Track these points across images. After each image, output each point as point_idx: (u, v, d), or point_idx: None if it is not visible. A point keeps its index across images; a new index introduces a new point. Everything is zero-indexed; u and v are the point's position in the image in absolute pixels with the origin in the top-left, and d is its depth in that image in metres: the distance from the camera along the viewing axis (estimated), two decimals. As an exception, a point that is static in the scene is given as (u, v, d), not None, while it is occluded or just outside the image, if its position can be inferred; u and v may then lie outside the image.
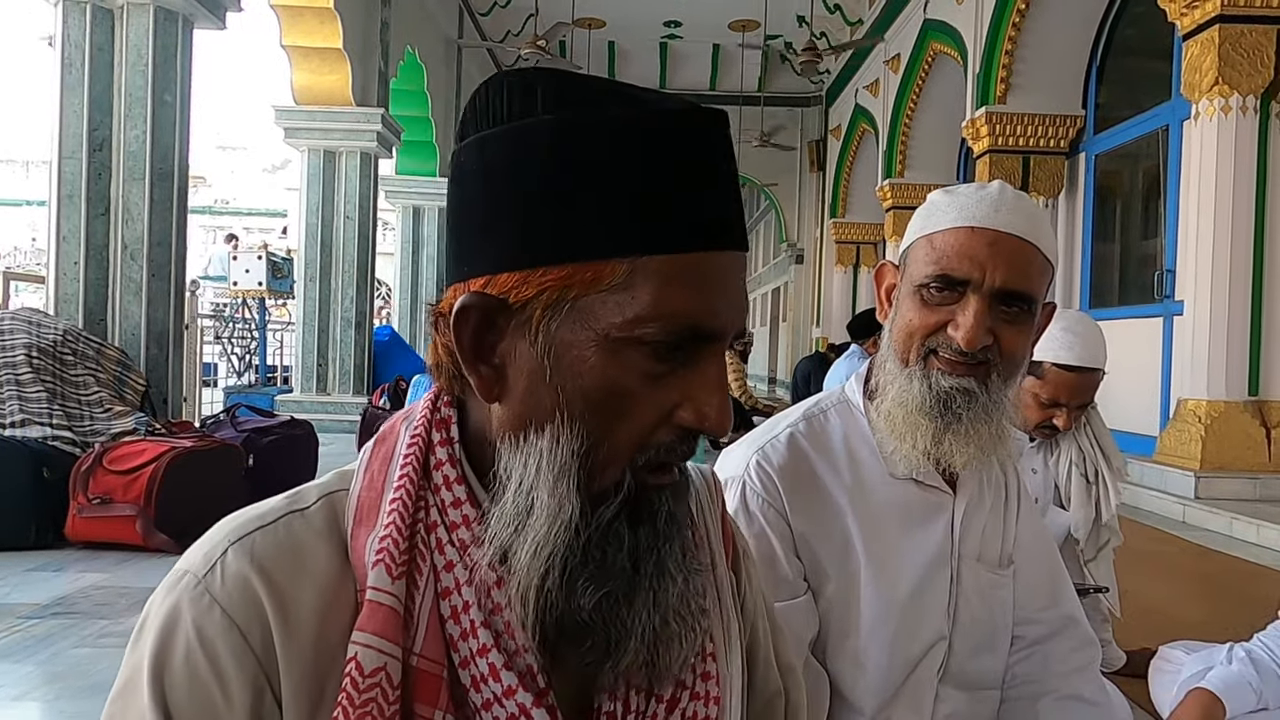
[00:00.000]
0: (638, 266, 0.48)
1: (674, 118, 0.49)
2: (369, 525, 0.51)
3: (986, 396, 0.93)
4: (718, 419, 0.50)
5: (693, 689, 0.56)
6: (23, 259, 18.81)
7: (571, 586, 0.49)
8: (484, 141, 0.51)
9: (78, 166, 4.17)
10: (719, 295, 0.50)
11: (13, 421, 3.33)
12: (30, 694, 1.92)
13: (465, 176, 0.52)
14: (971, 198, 0.95)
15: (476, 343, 0.51)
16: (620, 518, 0.50)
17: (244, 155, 27.11)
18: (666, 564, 0.51)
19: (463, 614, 0.50)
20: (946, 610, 1.02)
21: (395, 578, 0.49)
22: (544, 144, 0.48)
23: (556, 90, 0.50)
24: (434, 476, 0.53)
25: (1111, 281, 6.75)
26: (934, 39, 8.31)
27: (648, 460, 0.50)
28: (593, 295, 0.48)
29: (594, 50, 11.70)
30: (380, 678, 0.47)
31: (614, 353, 0.48)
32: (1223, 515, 3.99)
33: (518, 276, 0.49)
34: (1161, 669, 1.69)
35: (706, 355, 0.50)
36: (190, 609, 0.49)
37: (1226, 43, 4.35)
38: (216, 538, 0.53)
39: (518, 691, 0.49)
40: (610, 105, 0.49)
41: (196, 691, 0.48)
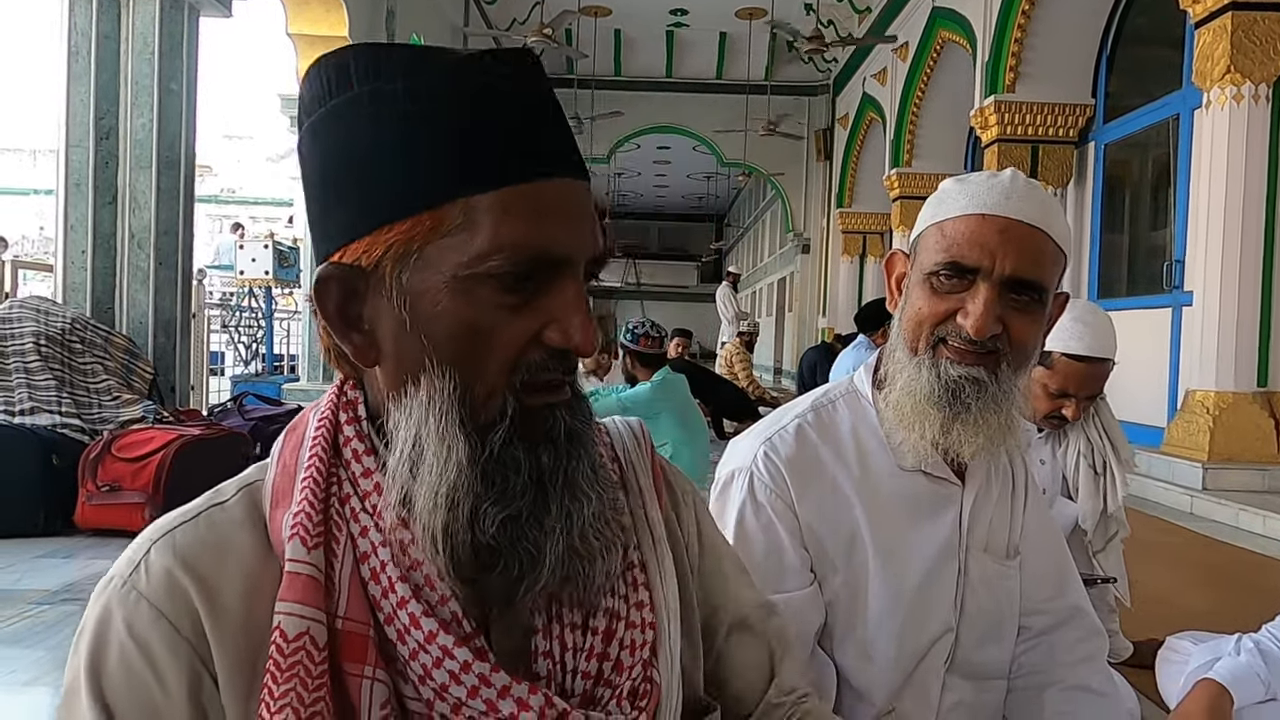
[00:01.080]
0: (470, 205, 0.50)
1: (477, 61, 0.51)
2: (284, 507, 0.54)
3: (996, 386, 0.92)
4: (583, 336, 0.52)
5: (627, 618, 0.57)
6: (30, 248, 18.88)
7: (474, 514, 0.51)
8: (313, 126, 0.53)
9: (85, 155, 4.18)
10: (559, 221, 0.51)
11: (22, 409, 3.35)
12: (41, 679, 1.93)
13: (306, 162, 0.54)
14: (983, 185, 0.94)
15: (342, 313, 0.53)
16: (513, 441, 0.52)
17: (250, 144, 27.10)
18: (576, 480, 0.53)
19: (380, 573, 0.52)
20: (954, 601, 1.02)
21: (311, 548, 0.51)
22: (362, 113, 0.51)
23: (368, 62, 0.52)
24: (344, 453, 0.55)
25: (1120, 272, 6.72)
26: (943, 27, 8.25)
27: (525, 382, 0.52)
28: (436, 243, 0.50)
29: (600, 38, 11.64)
30: (304, 641, 0.49)
31: (465, 292, 0.50)
32: (1230, 506, 3.98)
33: (365, 241, 0.51)
34: (1169, 659, 1.69)
35: (561, 279, 0.52)
36: (119, 609, 0.51)
37: (1239, 30, 4.30)
38: (139, 541, 0.55)
39: (439, 635, 0.51)
40: (415, 65, 0.51)
41: (134, 686, 0.50)
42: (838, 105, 12.79)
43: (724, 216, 26.07)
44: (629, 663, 0.57)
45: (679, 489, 0.71)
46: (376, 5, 7.54)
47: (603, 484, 0.55)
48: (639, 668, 0.57)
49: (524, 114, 0.52)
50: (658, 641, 0.59)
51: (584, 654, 0.56)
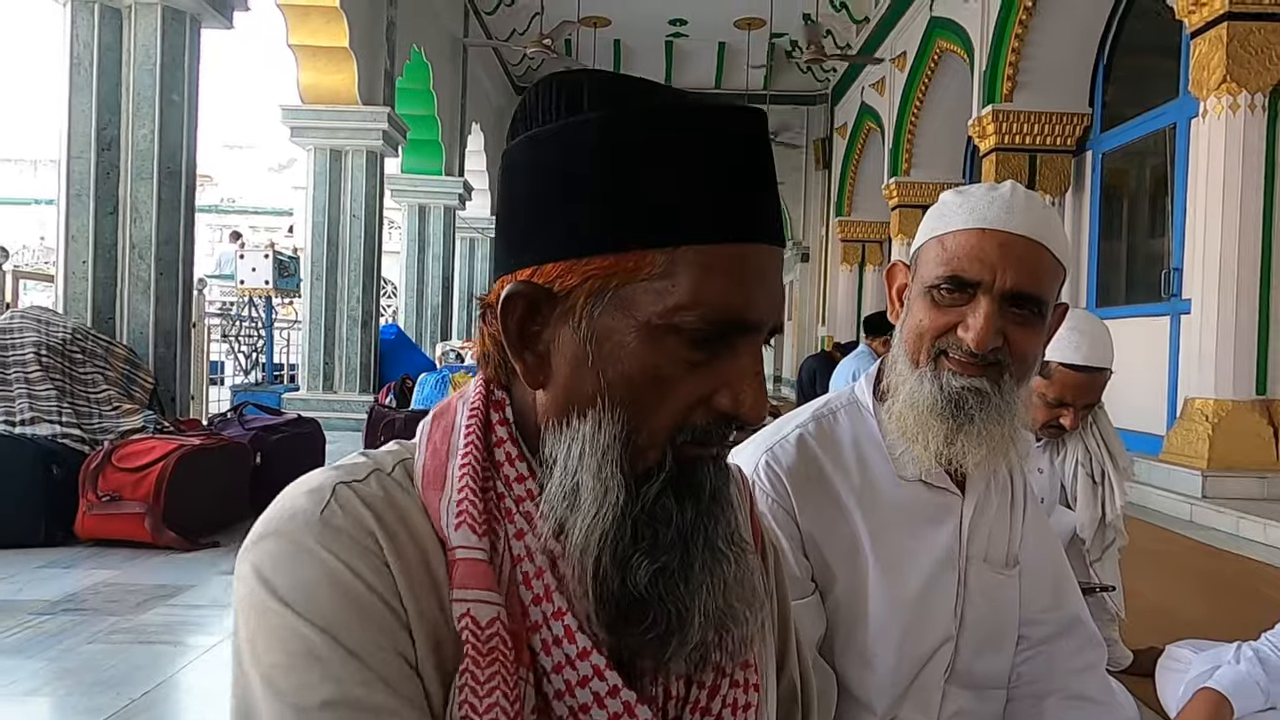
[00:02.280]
0: (677, 256, 0.49)
1: (715, 113, 0.51)
2: (437, 490, 0.53)
3: (999, 397, 0.93)
4: (753, 406, 0.51)
5: (732, 676, 0.56)
6: (30, 258, 18.90)
7: (625, 564, 0.50)
8: (533, 139, 0.53)
9: (86, 166, 4.19)
10: (756, 286, 0.51)
11: (22, 419, 3.36)
12: (42, 689, 1.93)
13: (515, 173, 0.54)
14: (983, 199, 0.95)
15: (522, 330, 0.53)
16: (666, 493, 0.51)
17: (250, 154, 27.17)
18: (715, 540, 0.52)
19: (534, 579, 0.51)
20: (953, 611, 1.02)
21: (480, 535, 0.51)
22: (589, 138, 0.50)
23: (602, 88, 0.52)
24: (496, 453, 0.55)
25: (1118, 280, 6.74)
26: (940, 37, 8.29)
27: (686, 441, 0.52)
28: (634, 284, 0.50)
29: (599, 49, 11.69)
30: (497, 627, 0.49)
31: (654, 340, 0.50)
32: (1230, 514, 3.98)
33: (563, 266, 0.51)
34: (1169, 668, 1.69)
35: (743, 345, 0.52)
36: (317, 540, 0.49)
37: (1235, 40, 4.33)
38: (319, 482, 0.52)
39: (592, 653, 0.50)
40: (653, 100, 0.51)
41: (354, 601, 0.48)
42: (836, 115, 12.84)
43: (723, 225, 26.03)
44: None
45: (767, 539, 0.70)
46: (376, 16, 7.57)
47: (740, 545, 0.54)
48: None
49: (748, 172, 0.51)
50: (761, 705, 0.58)
51: (689, 706, 0.55)
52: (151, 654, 2.14)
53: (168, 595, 2.60)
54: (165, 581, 2.74)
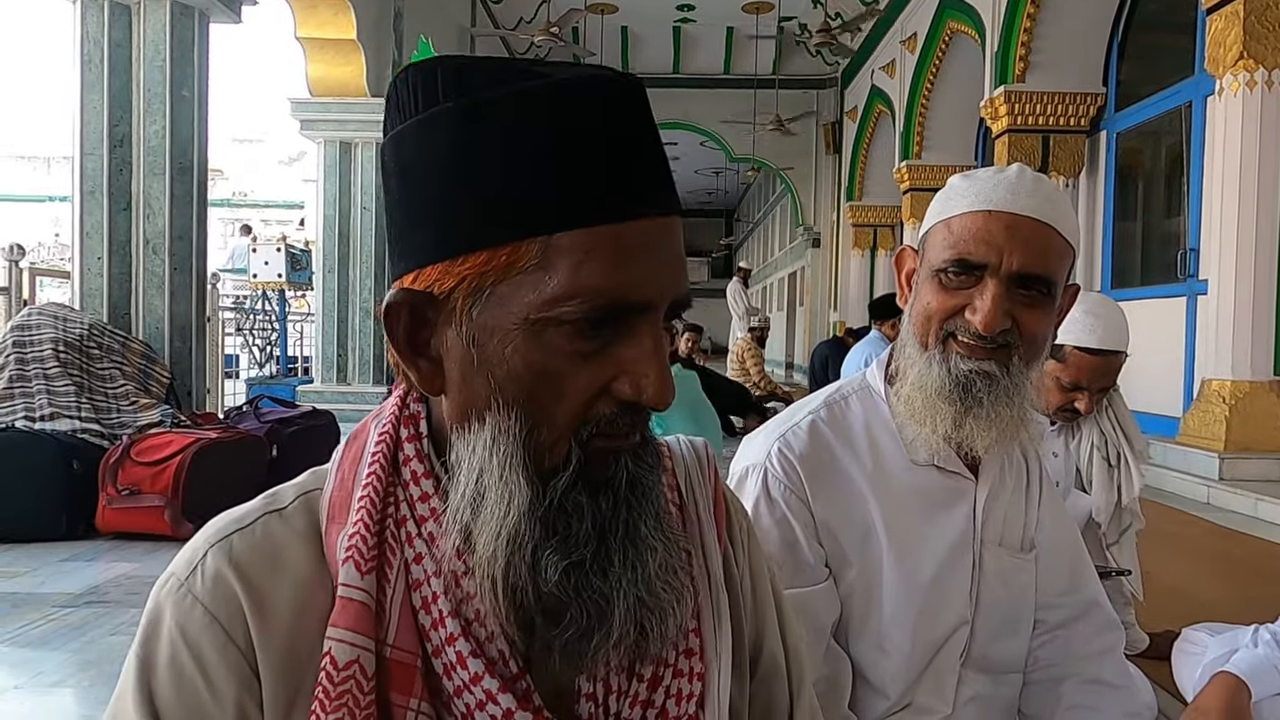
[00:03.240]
0: (551, 244, 0.47)
1: (570, 87, 0.48)
2: (340, 523, 0.52)
3: (1008, 379, 0.93)
4: (656, 390, 0.49)
5: (675, 665, 0.55)
6: (45, 254, 19.07)
7: (536, 563, 0.49)
8: (397, 138, 0.51)
9: (99, 163, 4.22)
10: (643, 264, 0.48)
11: (42, 415, 3.40)
12: (66, 681, 1.96)
13: (386, 175, 0.52)
14: (989, 181, 0.94)
15: (411, 339, 0.52)
16: (576, 487, 0.49)
17: (260, 147, 27.26)
18: (639, 530, 0.51)
19: (432, 604, 0.50)
20: (969, 595, 1.02)
21: (364, 573, 0.50)
22: (446, 132, 0.48)
23: (455, 76, 0.49)
24: (403, 472, 0.53)
25: (1134, 261, 6.67)
26: (951, 18, 8.20)
27: (591, 433, 0.50)
28: (510, 279, 0.48)
29: (607, 36, 11.63)
30: (354, 670, 0.48)
31: (536, 334, 0.48)
32: (1247, 496, 3.95)
33: (439, 268, 0.49)
34: (1185, 651, 1.69)
35: (639, 326, 0.49)
36: (173, 610, 0.51)
37: (1252, 16, 4.26)
38: (198, 542, 0.54)
39: (484, 678, 0.50)
40: (507, 84, 0.48)
41: (184, 689, 0.50)
42: (846, 98, 12.73)
43: (733, 212, 26.02)
44: (674, 712, 0.55)
45: (736, 519, 0.67)
46: (384, 7, 7.57)
47: (668, 533, 0.52)
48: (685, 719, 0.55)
49: (620, 146, 0.48)
50: (705, 692, 0.57)
51: (628, 699, 0.54)
52: (173, 644, 2.17)
53: (188, 587, 2.63)
54: (185, 573, 2.77)
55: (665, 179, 0.51)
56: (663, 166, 0.51)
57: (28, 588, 2.60)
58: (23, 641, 2.17)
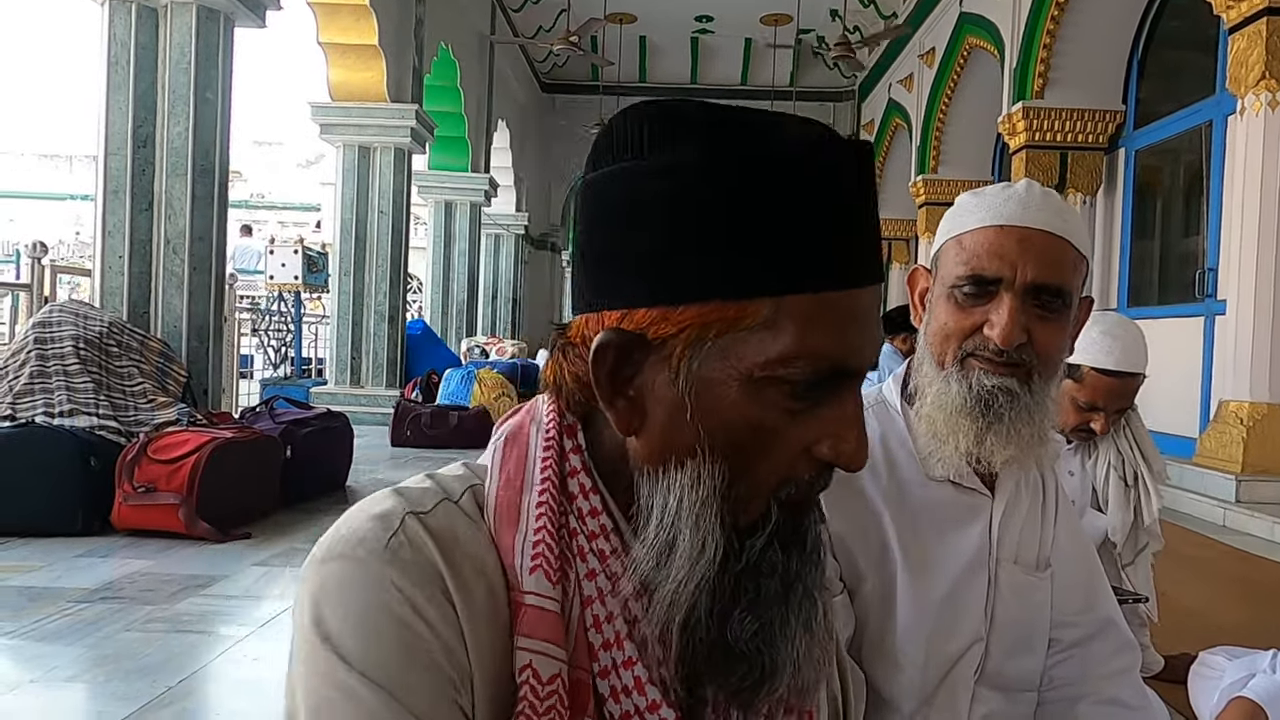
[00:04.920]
0: (781, 306, 0.47)
1: (821, 152, 0.48)
2: (511, 525, 0.51)
3: (1029, 397, 0.93)
4: (855, 453, 0.50)
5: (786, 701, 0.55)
6: (66, 252, 19.29)
7: (725, 618, 0.49)
8: (622, 174, 0.50)
9: (123, 163, 4.27)
10: (859, 332, 0.49)
11: (61, 411, 3.43)
12: (81, 676, 1.98)
13: (601, 206, 0.51)
14: (998, 197, 0.95)
15: (613, 377, 0.50)
16: (772, 546, 0.50)
17: (279, 150, 27.51)
18: (811, 589, 0.52)
19: (605, 624, 0.50)
20: (984, 612, 1.02)
21: (555, 583, 0.49)
22: (685, 179, 0.47)
23: (702, 123, 0.49)
24: (569, 484, 0.53)
25: (1151, 280, 6.63)
26: (970, 33, 8.20)
27: (788, 493, 0.50)
28: (735, 334, 0.48)
29: (625, 45, 11.69)
30: (557, 684, 0.48)
31: (756, 391, 0.48)
32: (1264, 519, 3.91)
33: (657, 312, 0.48)
34: (1202, 675, 1.67)
35: (845, 390, 0.50)
36: (387, 567, 0.47)
37: (1275, 36, 4.24)
38: (387, 509, 0.51)
39: (662, 707, 0.49)
40: (750, 137, 0.48)
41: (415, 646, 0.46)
42: (863, 111, 12.73)
43: (748, 222, 25.96)
44: None
45: None
46: (405, 14, 7.63)
47: (825, 588, 0.53)
48: None
49: (852, 214, 0.49)
50: None
51: None
52: (186, 643, 2.18)
53: (201, 585, 2.65)
54: (199, 572, 2.79)
55: (879, 247, 0.52)
56: (879, 234, 0.52)
57: (43, 582, 2.63)
58: (38, 636, 2.19)
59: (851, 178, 0.49)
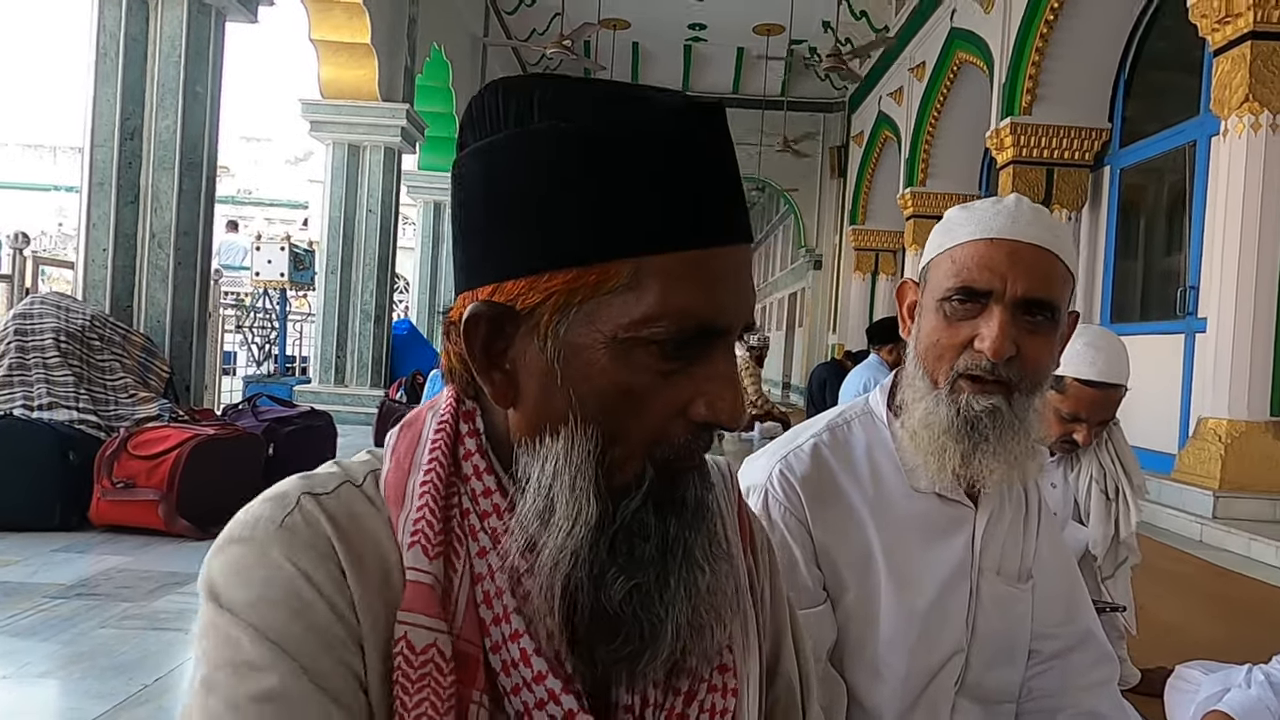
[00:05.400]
0: (642, 266, 0.48)
1: (670, 116, 0.49)
2: (398, 505, 0.52)
3: (1013, 414, 0.94)
4: (731, 412, 0.50)
5: (709, 680, 0.56)
6: (49, 243, 19.07)
7: (600, 580, 0.49)
8: (484, 150, 0.51)
9: (109, 154, 4.23)
10: (726, 290, 0.50)
11: (40, 404, 3.39)
12: (54, 672, 1.96)
13: (467, 185, 0.52)
14: (988, 211, 0.96)
15: (487, 350, 0.52)
16: (646, 507, 0.50)
17: (268, 146, 27.34)
18: (694, 552, 0.51)
19: (495, 599, 0.51)
20: (965, 623, 1.03)
21: (432, 558, 0.50)
22: (542, 151, 0.49)
23: (553, 96, 0.50)
24: (464, 466, 0.54)
25: (1134, 297, 6.70)
26: (960, 48, 8.27)
27: (664, 454, 0.51)
28: (599, 298, 0.48)
29: (618, 51, 11.72)
30: (432, 653, 0.48)
31: (623, 353, 0.49)
32: (1241, 536, 3.96)
33: (524, 283, 0.50)
34: (1178, 688, 1.69)
35: (716, 349, 0.50)
36: (279, 546, 0.49)
37: (1258, 60, 4.31)
38: (285, 490, 0.52)
39: (547, 677, 0.50)
40: (605, 107, 0.49)
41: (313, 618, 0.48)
42: (853, 123, 12.82)
43: (736, 230, 26.01)
44: None
45: (759, 539, 0.68)
46: (398, 13, 7.62)
47: (717, 555, 0.53)
48: None
49: (711, 174, 0.49)
50: (739, 708, 0.57)
51: (664, 712, 0.54)
52: (163, 640, 2.16)
53: (180, 583, 2.62)
54: (177, 569, 2.76)
55: (744, 206, 0.52)
56: (742, 194, 0.52)
57: (19, 577, 2.59)
58: (11, 631, 2.16)
59: (704, 138, 0.49)
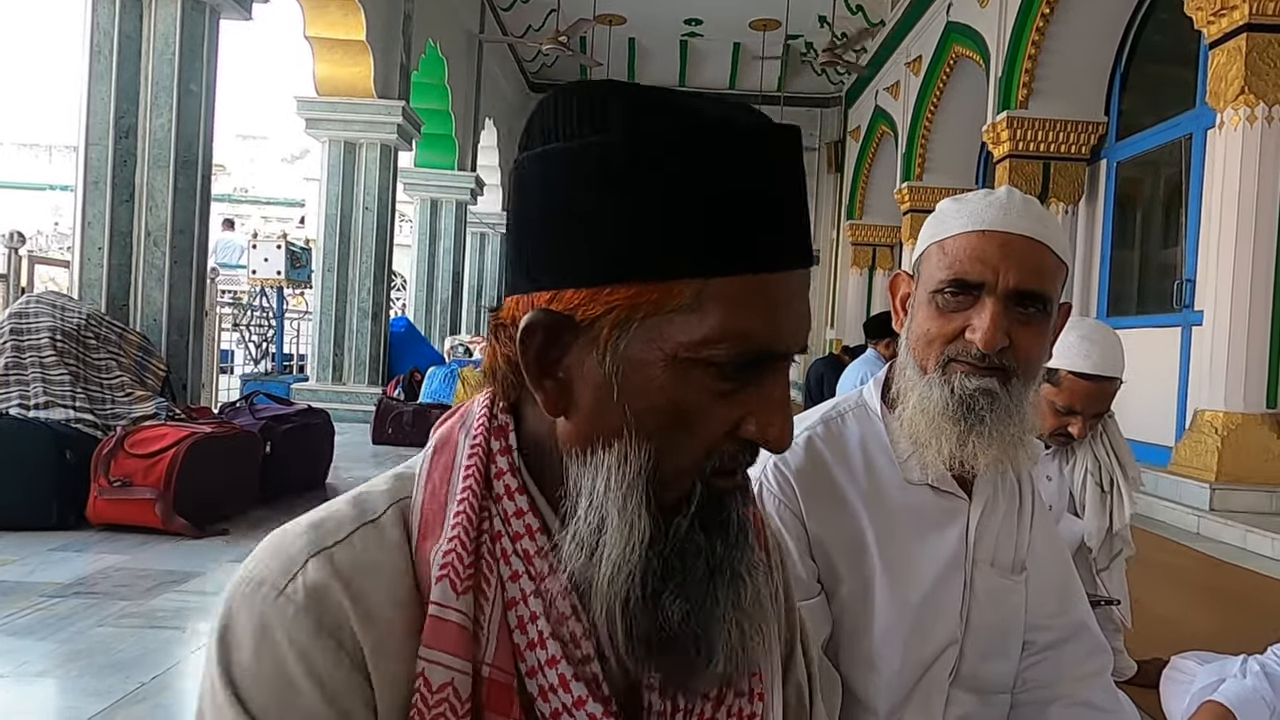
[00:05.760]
0: (706, 288, 0.48)
1: (749, 136, 0.48)
2: (433, 537, 0.52)
3: (1009, 399, 0.94)
4: (780, 434, 0.51)
5: (737, 685, 0.56)
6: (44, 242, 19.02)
7: (656, 601, 0.49)
8: (552, 155, 0.50)
9: (104, 153, 4.22)
10: (785, 315, 0.50)
11: (36, 404, 3.39)
12: (52, 671, 1.95)
13: (530, 188, 0.51)
14: (980, 203, 0.96)
15: (541, 358, 0.51)
16: (695, 526, 0.51)
17: (263, 144, 27.27)
18: (740, 570, 0.52)
19: (530, 624, 0.50)
20: (959, 614, 1.03)
21: (460, 593, 0.49)
22: (615, 162, 0.48)
23: (628, 106, 0.49)
24: (495, 486, 0.53)
25: (1130, 290, 6.71)
26: (956, 42, 8.27)
27: (714, 469, 0.51)
28: (660, 315, 0.48)
29: (614, 47, 11.69)
30: (448, 692, 0.48)
31: (682, 372, 0.49)
32: (1238, 527, 3.97)
33: (585, 294, 0.49)
34: (1174, 679, 1.69)
35: (771, 373, 0.51)
36: (276, 620, 0.49)
37: (1254, 52, 4.31)
38: (291, 549, 0.52)
39: (588, 702, 0.50)
40: (679, 121, 0.48)
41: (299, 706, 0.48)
42: (850, 118, 12.81)
43: (734, 226, 26.04)
44: None
45: (772, 541, 0.69)
46: (394, 10, 7.60)
47: (754, 568, 0.53)
48: None
49: (779, 199, 0.49)
50: (766, 713, 0.58)
51: (695, 718, 0.55)
52: (160, 639, 2.16)
53: (177, 581, 2.62)
54: (174, 567, 2.76)
55: (808, 231, 0.52)
56: (807, 218, 0.52)
57: (16, 576, 2.59)
58: (9, 631, 2.16)
59: (780, 164, 0.49)
